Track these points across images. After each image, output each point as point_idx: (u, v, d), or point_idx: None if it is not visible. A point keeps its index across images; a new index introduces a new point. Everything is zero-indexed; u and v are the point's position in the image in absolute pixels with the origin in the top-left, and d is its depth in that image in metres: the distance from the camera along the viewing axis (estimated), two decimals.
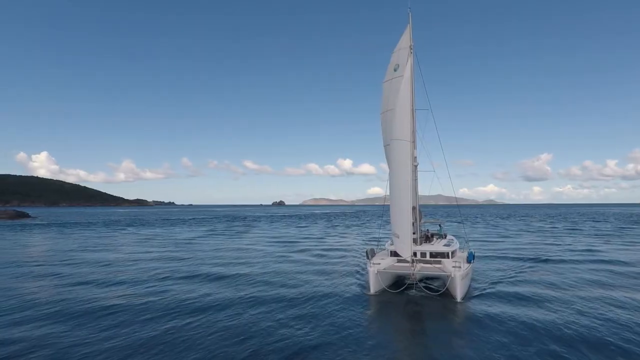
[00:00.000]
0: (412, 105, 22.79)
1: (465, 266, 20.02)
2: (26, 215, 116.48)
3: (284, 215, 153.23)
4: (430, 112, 24.36)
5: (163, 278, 24.31)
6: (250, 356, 11.85)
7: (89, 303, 18.14)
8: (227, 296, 19.52)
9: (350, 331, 14.11)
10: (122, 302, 18.34)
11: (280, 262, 30.98)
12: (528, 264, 29.10)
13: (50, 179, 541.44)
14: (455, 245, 23.71)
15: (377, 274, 19.96)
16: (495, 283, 22.38)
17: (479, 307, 17.49)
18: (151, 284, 22.44)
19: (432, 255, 21.82)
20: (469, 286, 20.73)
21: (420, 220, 24.59)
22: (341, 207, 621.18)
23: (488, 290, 20.60)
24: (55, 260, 32.75)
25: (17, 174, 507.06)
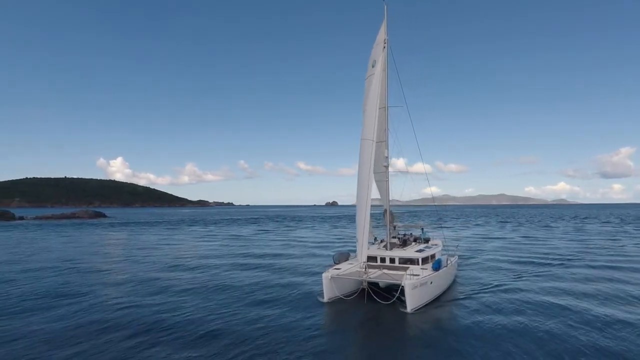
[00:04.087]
0: (386, 103, 21.92)
1: (427, 274, 18.17)
2: (103, 215, 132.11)
3: (332, 216, 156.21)
4: (406, 109, 22.74)
5: (214, 266, 28.40)
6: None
7: (176, 283, 22.51)
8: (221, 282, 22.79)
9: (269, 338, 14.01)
10: (194, 285, 22.43)
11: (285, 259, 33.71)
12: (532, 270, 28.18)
13: (125, 182, 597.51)
14: (432, 251, 21.73)
15: (330, 279, 18.77)
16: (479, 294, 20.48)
17: (427, 319, 16.13)
18: (208, 271, 26.49)
19: (401, 261, 20.41)
20: (437, 295, 19.12)
21: (391, 224, 23.58)
22: (394, 207, 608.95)
23: (462, 301, 18.94)
24: (127, 253, 38.79)
25: (98, 178, 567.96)
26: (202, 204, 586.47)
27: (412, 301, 16.94)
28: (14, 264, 31.60)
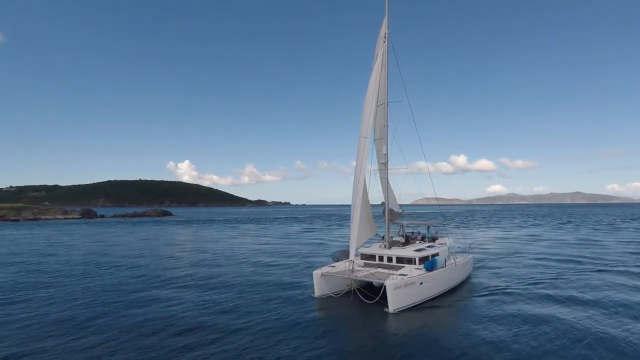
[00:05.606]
0: (386, 99, 21.38)
1: (416, 274, 17.74)
2: (169, 214, 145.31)
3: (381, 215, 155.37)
4: (408, 104, 22.03)
5: (254, 261, 31.64)
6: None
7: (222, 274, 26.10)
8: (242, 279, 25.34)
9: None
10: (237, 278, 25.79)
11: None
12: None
13: (191, 183, 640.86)
14: (432, 250, 21.09)
15: (321, 277, 18.86)
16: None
17: (405, 322, 15.46)
18: (248, 263, 29.81)
19: (398, 260, 20.09)
20: (432, 296, 18.48)
21: (392, 222, 22.94)
22: (455, 207, 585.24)
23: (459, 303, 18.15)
24: (181, 246, 43.82)
25: (168, 180, 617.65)
26: (260, 203, 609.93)
27: (395, 302, 16.39)
28: (96, 254, 37.59)
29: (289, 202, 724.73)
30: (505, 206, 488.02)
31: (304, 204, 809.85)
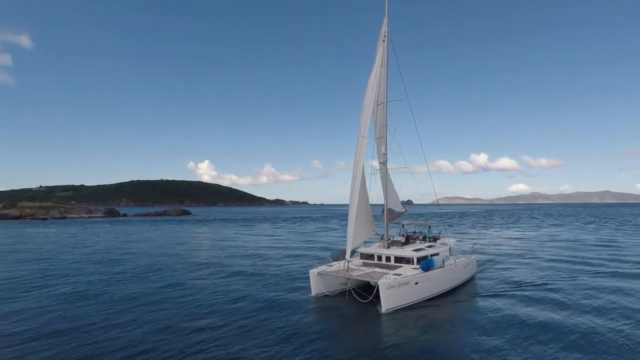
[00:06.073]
0: (385, 98, 21.41)
1: (411, 273, 17.73)
2: (188, 213, 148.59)
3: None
4: (407, 103, 21.92)
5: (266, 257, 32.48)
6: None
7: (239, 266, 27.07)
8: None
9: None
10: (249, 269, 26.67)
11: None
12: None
13: (211, 183, 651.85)
14: (432, 250, 21.04)
15: (317, 275, 19.09)
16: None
17: (397, 322, 15.29)
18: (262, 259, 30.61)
19: (396, 259, 20.07)
20: (429, 297, 18.41)
21: (391, 222, 22.80)
22: (475, 206, 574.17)
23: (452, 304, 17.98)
24: (198, 243, 45.18)
25: (189, 180, 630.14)
26: (279, 202, 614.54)
27: (388, 301, 16.34)
28: (118, 249, 39.26)
29: (306, 202, 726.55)
30: (527, 206, 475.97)
31: (322, 204, 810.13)
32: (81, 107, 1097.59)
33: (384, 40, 20.58)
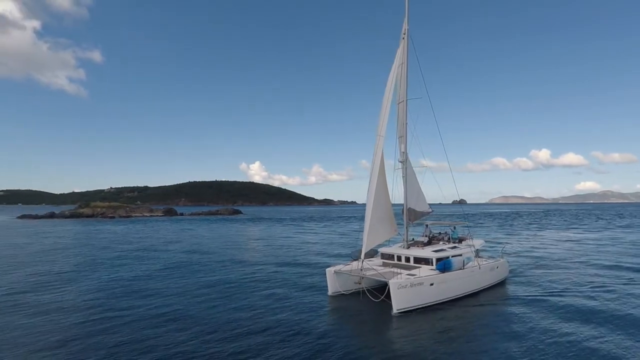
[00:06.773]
0: (405, 96, 21.34)
1: (426, 274, 17.53)
2: (239, 212, 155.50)
3: (450, 214, 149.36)
4: (428, 101, 21.53)
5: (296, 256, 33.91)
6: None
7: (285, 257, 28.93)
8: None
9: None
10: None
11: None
12: None
13: (261, 184, 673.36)
14: (453, 251, 20.51)
15: (333, 274, 19.37)
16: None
17: (406, 324, 14.91)
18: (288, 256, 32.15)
19: (415, 260, 19.94)
20: (447, 299, 18.08)
21: (407, 222, 22.64)
22: (534, 205, 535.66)
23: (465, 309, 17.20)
24: (242, 240, 47.74)
25: (241, 180, 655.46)
26: (327, 202, 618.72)
27: (398, 302, 16.11)
28: (176, 243, 42.86)
29: (355, 201, 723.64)
30: (597, 205, 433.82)
31: None
32: (145, 112, 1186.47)
33: (403, 38, 20.45)
